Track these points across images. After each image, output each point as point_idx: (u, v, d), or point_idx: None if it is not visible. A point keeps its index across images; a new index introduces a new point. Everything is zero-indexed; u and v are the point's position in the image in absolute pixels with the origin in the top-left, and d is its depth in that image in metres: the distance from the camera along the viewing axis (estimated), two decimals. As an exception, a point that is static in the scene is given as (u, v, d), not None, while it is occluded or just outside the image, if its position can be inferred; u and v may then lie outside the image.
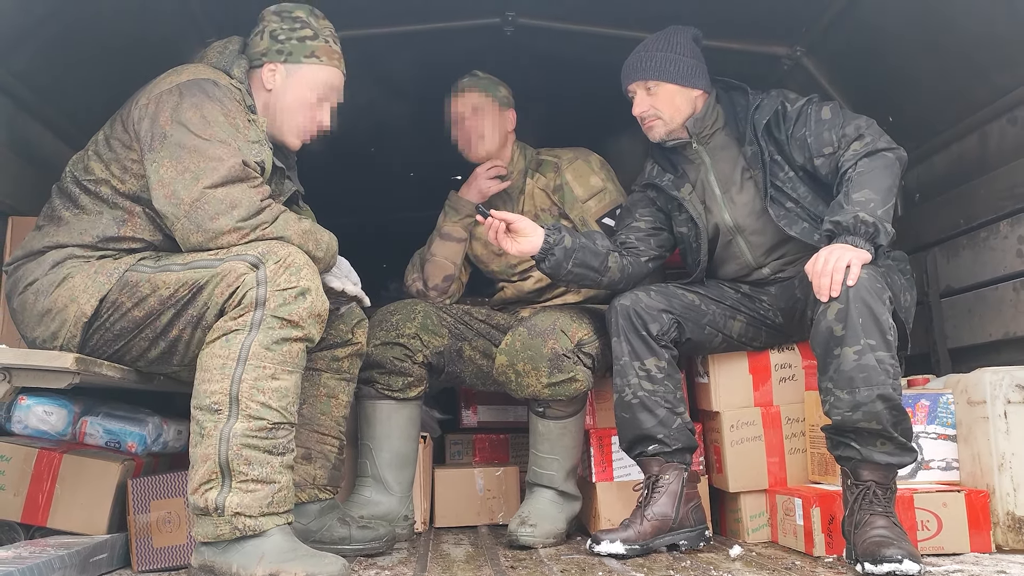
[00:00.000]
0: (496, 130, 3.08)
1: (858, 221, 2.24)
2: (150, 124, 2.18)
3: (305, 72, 2.41)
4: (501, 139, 3.10)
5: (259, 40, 2.41)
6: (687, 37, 2.71)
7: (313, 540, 2.44)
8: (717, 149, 2.73)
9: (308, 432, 2.56)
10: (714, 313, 2.70)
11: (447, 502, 3.19)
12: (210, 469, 1.99)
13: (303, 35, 2.41)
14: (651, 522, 2.51)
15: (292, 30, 2.40)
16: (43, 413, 2.49)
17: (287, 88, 2.40)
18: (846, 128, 2.51)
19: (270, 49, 2.39)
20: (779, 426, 2.77)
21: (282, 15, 2.42)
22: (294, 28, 2.41)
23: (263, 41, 2.40)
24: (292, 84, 2.40)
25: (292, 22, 2.41)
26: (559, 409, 2.79)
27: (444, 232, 3.14)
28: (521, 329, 2.74)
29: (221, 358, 2.01)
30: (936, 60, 2.76)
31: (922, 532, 2.35)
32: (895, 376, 2.16)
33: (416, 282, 3.16)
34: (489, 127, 3.07)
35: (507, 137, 3.12)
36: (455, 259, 3.14)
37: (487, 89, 3.09)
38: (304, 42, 2.41)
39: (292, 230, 2.18)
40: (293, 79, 2.40)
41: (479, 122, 3.06)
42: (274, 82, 2.39)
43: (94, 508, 2.35)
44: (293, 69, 2.40)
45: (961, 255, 2.91)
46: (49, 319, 2.15)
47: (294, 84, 2.40)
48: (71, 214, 2.24)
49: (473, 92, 3.07)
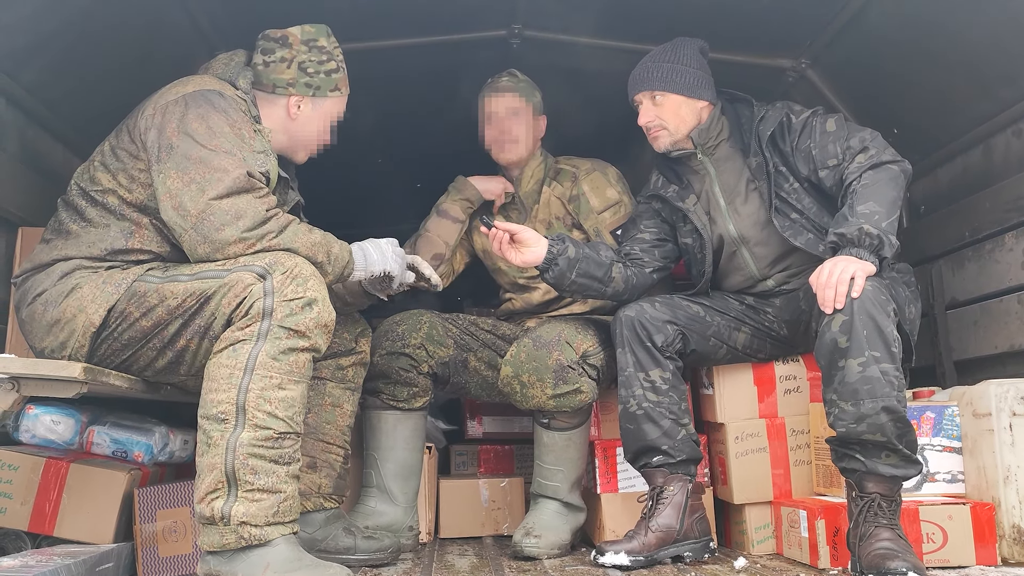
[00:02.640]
0: (529, 136, 3.08)
1: (863, 233, 2.25)
2: (157, 135, 2.20)
3: (327, 105, 2.47)
4: (532, 145, 3.10)
5: (286, 68, 2.41)
6: (693, 49, 2.73)
7: (318, 550, 2.44)
8: (722, 160, 2.74)
9: (313, 441, 2.57)
10: (719, 324, 2.71)
11: (452, 513, 3.19)
12: (216, 478, 1.99)
13: (329, 69, 2.44)
14: (655, 533, 2.51)
15: (320, 63, 2.43)
16: (51, 422, 2.50)
17: (312, 119, 2.45)
18: (851, 140, 2.52)
19: (298, 81, 2.42)
20: (784, 438, 2.77)
21: (310, 46, 2.43)
22: (322, 61, 2.43)
23: (290, 71, 2.41)
24: (316, 117, 2.46)
25: (319, 53, 2.43)
26: (564, 420, 2.79)
27: (441, 209, 3.11)
28: (526, 340, 2.75)
29: (228, 368, 2.03)
30: (941, 73, 2.77)
31: (927, 545, 2.34)
32: (900, 388, 2.16)
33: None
34: (523, 132, 3.06)
35: (536, 143, 3.13)
36: (448, 239, 3.10)
37: (525, 93, 3.08)
38: (330, 76, 2.45)
39: (300, 241, 2.19)
40: (317, 112, 2.45)
41: (513, 125, 3.05)
42: (299, 113, 2.43)
43: (101, 517, 2.36)
44: (319, 103, 2.45)
45: (966, 267, 2.91)
46: (58, 329, 2.17)
47: (317, 117, 2.46)
48: (78, 227, 2.26)
49: (511, 95, 3.07)
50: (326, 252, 2.25)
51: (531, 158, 3.11)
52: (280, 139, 2.44)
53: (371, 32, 3.02)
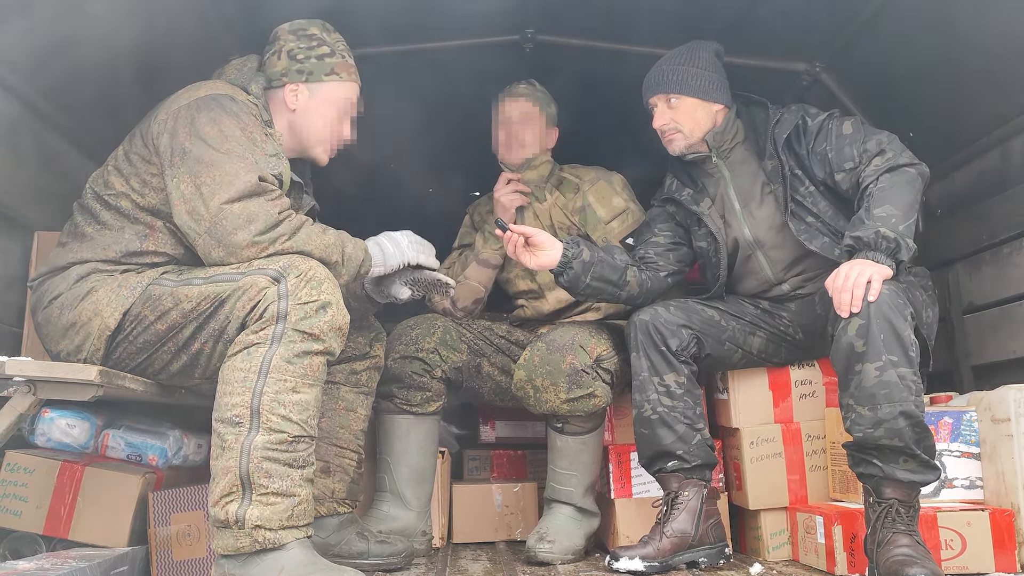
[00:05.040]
0: (538, 143, 3.09)
1: (879, 236, 2.23)
2: (169, 139, 2.21)
3: (327, 90, 2.44)
4: (539, 152, 3.10)
5: (276, 60, 2.43)
6: (709, 52, 2.72)
7: (332, 554, 2.44)
8: (737, 163, 2.73)
9: (327, 445, 2.57)
10: (734, 329, 2.69)
11: (465, 518, 3.18)
12: (231, 482, 1.99)
13: (321, 53, 2.43)
14: (670, 539, 2.49)
15: (310, 49, 2.43)
16: (66, 426, 2.51)
17: (311, 107, 2.43)
18: (867, 143, 2.51)
19: (290, 69, 2.42)
20: (799, 443, 2.75)
21: (297, 34, 2.44)
22: (311, 47, 2.43)
23: (281, 61, 2.43)
24: (316, 103, 2.44)
25: (308, 40, 2.44)
26: (578, 425, 2.78)
27: (482, 259, 3.11)
28: (540, 344, 2.74)
29: (243, 371, 2.03)
30: (957, 75, 2.75)
31: (946, 551, 2.32)
32: (917, 393, 2.14)
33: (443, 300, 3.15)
34: (532, 138, 3.08)
35: (545, 153, 3.14)
36: (487, 283, 3.13)
37: (540, 102, 3.11)
38: (323, 60, 2.43)
39: (314, 243, 2.19)
40: (316, 98, 2.44)
41: (524, 130, 3.08)
42: (297, 102, 2.43)
43: (115, 521, 2.37)
44: (315, 88, 2.43)
45: (984, 271, 2.89)
46: (73, 332, 2.17)
47: (318, 103, 2.44)
48: (94, 230, 2.27)
49: (526, 100, 3.10)
50: (340, 252, 2.25)
51: (541, 166, 3.10)
52: (290, 138, 2.44)
53: (384, 38, 3.03)
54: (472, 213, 3.29)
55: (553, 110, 3.15)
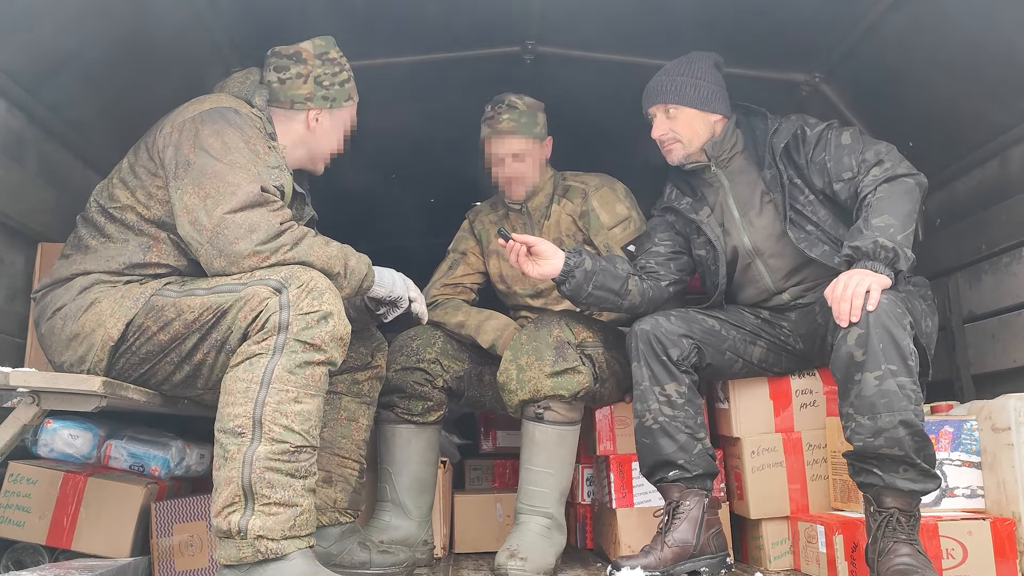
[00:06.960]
0: (537, 168, 3.07)
1: (878, 246, 2.24)
2: (174, 152, 2.23)
3: (343, 114, 2.52)
4: (541, 172, 3.10)
5: (302, 84, 2.44)
6: (708, 62, 2.74)
7: (333, 564, 2.45)
8: (736, 172, 2.74)
9: (329, 455, 2.58)
10: (734, 338, 2.70)
11: (467, 528, 3.19)
12: (233, 492, 2.00)
13: (342, 79, 2.49)
14: (672, 548, 2.49)
15: (334, 75, 2.47)
16: (69, 436, 2.52)
17: (329, 131, 2.50)
18: (866, 153, 2.52)
19: (315, 95, 2.45)
20: (800, 452, 2.75)
21: (323, 59, 2.47)
22: (335, 72, 2.48)
23: (307, 86, 2.45)
24: (333, 126, 2.50)
25: (332, 66, 2.48)
26: (559, 412, 2.68)
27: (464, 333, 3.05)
28: (528, 326, 2.77)
29: (245, 382, 2.03)
30: (956, 86, 2.77)
31: (947, 561, 2.31)
32: (917, 402, 2.14)
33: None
34: (531, 170, 3.04)
35: (546, 171, 3.13)
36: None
37: (526, 130, 3.00)
38: (343, 86, 2.49)
39: (316, 254, 2.21)
40: (334, 121, 2.50)
41: (520, 167, 3.02)
42: (318, 126, 2.47)
43: (118, 531, 2.37)
44: (335, 114, 2.50)
45: (983, 280, 2.89)
46: (77, 343, 2.18)
47: (334, 127, 2.51)
48: (97, 242, 2.28)
49: (513, 137, 2.99)
50: (343, 264, 2.26)
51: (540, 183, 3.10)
52: (299, 153, 2.48)
53: (385, 49, 3.04)
54: (472, 220, 3.29)
55: (541, 124, 3.05)
